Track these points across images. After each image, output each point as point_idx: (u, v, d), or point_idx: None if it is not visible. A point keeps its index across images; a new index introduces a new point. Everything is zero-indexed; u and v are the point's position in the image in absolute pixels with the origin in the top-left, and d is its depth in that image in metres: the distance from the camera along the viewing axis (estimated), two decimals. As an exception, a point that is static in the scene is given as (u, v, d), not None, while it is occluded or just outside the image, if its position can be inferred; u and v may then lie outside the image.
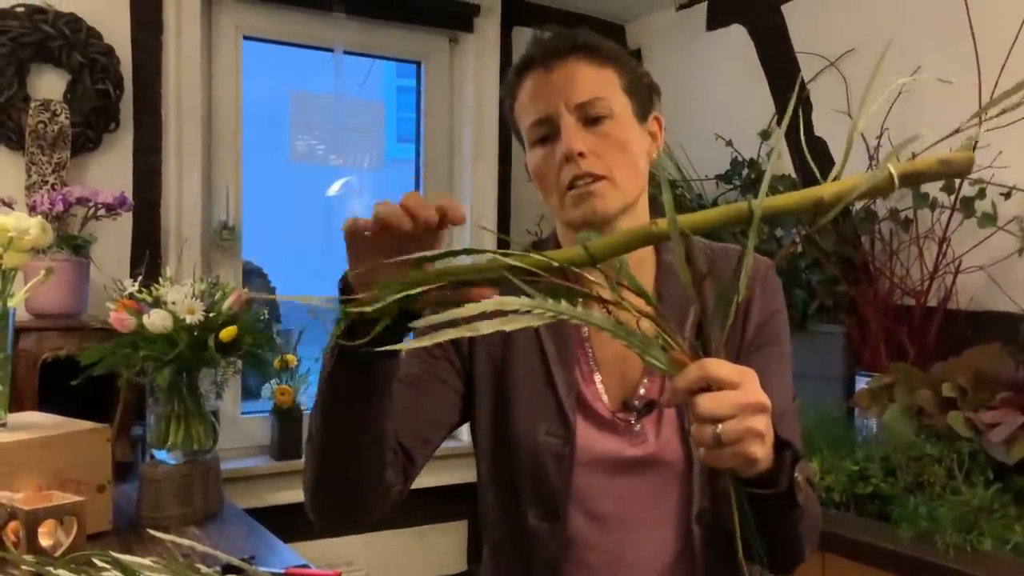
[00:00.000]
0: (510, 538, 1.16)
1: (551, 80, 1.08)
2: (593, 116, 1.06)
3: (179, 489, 1.75)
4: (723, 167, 2.55)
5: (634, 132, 1.09)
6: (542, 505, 1.11)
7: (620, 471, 1.09)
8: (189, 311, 1.70)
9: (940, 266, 2.10)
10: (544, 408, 1.10)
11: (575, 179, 1.05)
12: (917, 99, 2.21)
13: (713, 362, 0.76)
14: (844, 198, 0.72)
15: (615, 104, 1.08)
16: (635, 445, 1.09)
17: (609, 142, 1.06)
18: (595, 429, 1.10)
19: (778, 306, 1.14)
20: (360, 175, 3.44)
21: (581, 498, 1.10)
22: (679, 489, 1.09)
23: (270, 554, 1.57)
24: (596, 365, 1.12)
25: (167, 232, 2.37)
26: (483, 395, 1.14)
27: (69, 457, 1.60)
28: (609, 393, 1.11)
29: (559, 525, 1.10)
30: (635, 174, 1.08)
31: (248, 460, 2.53)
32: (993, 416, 1.76)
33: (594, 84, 1.07)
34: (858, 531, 1.72)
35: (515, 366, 1.12)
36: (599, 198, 1.06)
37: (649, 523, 1.10)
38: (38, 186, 2.15)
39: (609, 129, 1.06)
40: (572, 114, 1.07)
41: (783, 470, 0.86)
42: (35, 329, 1.97)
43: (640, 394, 1.10)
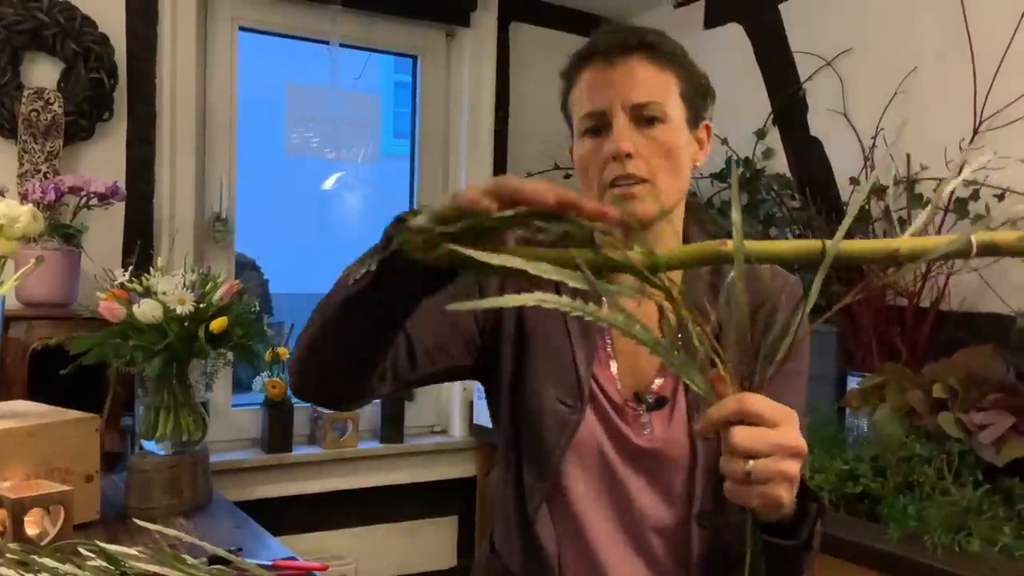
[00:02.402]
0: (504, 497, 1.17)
1: (611, 75, 1.08)
2: (647, 117, 1.07)
3: (167, 480, 1.75)
4: (718, 166, 2.55)
5: (683, 138, 1.10)
6: (536, 464, 1.11)
7: (624, 456, 1.10)
8: (180, 301, 1.69)
9: (933, 267, 2.10)
10: (561, 377, 1.11)
11: (618, 178, 1.06)
12: (913, 99, 2.21)
13: (753, 397, 0.75)
14: (920, 256, 0.72)
15: (670, 109, 1.08)
16: (641, 435, 1.10)
17: (658, 146, 1.07)
18: (606, 408, 1.11)
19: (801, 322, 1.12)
20: (355, 169, 3.44)
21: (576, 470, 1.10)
22: (682, 487, 1.09)
23: (258, 546, 1.57)
24: (613, 353, 1.13)
25: (160, 222, 2.36)
26: (505, 357, 1.14)
27: (57, 446, 1.60)
28: (622, 382, 1.12)
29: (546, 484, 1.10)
30: (677, 180, 1.09)
31: (238, 453, 2.52)
32: (983, 417, 1.76)
33: (653, 87, 1.08)
34: (847, 531, 1.72)
35: (539, 335, 1.13)
36: (639, 201, 1.06)
37: (647, 514, 1.10)
38: (30, 175, 2.14)
39: (660, 133, 1.07)
40: (626, 113, 1.07)
41: (805, 521, 0.87)
42: (25, 318, 1.97)
43: (653, 389, 1.11)
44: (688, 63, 1.13)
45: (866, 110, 2.30)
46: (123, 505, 1.74)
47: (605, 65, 1.09)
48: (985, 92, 2.01)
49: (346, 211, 7.34)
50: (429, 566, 2.75)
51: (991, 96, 2.01)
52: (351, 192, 4.88)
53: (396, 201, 3.02)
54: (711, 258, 0.76)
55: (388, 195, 5.50)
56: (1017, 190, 1.99)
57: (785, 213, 2.39)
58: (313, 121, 2.70)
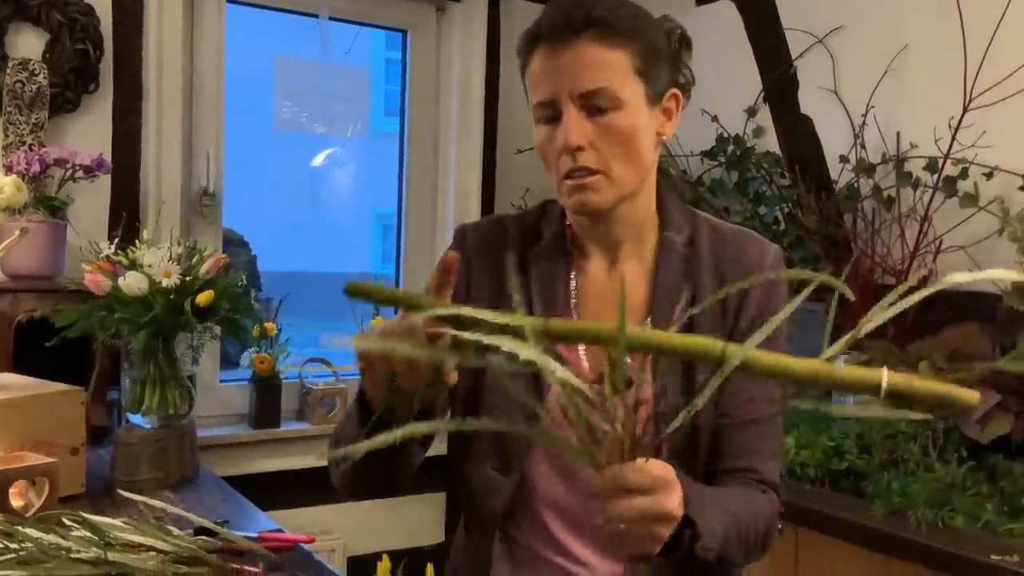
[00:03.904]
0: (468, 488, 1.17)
1: (557, 62, 1.03)
2: (598, 106, 1.02)
3: (154, 453, 1.74)
4: (709, 143, 2.54)
5: (642, 120, 1.04)
6: (499, 457, 1.11)
7: None
8: (165, 274, 1.68)
9: (921, 245, 2.10)
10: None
11: (571, 171, 1.04)
12: (903, 77, 2.21)
13: (631, 471, 0.80)
14: (824, 382, 0.69)
15: (623, 92, 1.02)
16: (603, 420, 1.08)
17: (611, 134, 1.03)
18: None
19: (777, 299, 1.09)
20: (345, 145, 3.41)
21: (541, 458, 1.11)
22: None
23: (245, 519, 1.57)
24: None
25: (146, 196, 2.34)
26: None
27: (42, 419, 1.59)
28: (589, 363, 1.10)
29: (512, 478, 1.11)
30: (636, 165, 1.05)
31: (226, 428, 2.52)
32: (968, 395, 1.77)
33: (602, 72, 1.02)
34: (832, 506, 1.73)
35: None
36: (593, 192, 1.04)
37: None
38: (15, 146, 2.12)
39: (613, 120, 1.02)
40: (575, 103, 1.03)
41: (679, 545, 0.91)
42: (10, 290, 1.95)
43: None
44: (645, 31, 1.06)
45: (857, 88, 2.29)
46: (109, 478, 1.74)
47: (551, 50, 1.03)
48: (975, 70, 2.00)
49: (336, 189, 7.31)
50: (416, 542, 2.76)
51: (981, 74, 2.00)
52: (341, 169, 4.87)
53: (386, 179, 3.00)
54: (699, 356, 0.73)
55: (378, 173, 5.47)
56: (1006, 168, 1.99)
57: (775, 191, 2.38)
58: (302, 95, 2.68)
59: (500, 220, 1.19)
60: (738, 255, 1.10)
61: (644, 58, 1.04)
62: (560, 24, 1.03)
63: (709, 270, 1.09)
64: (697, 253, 1.10)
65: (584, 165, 1.03)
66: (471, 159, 2.83)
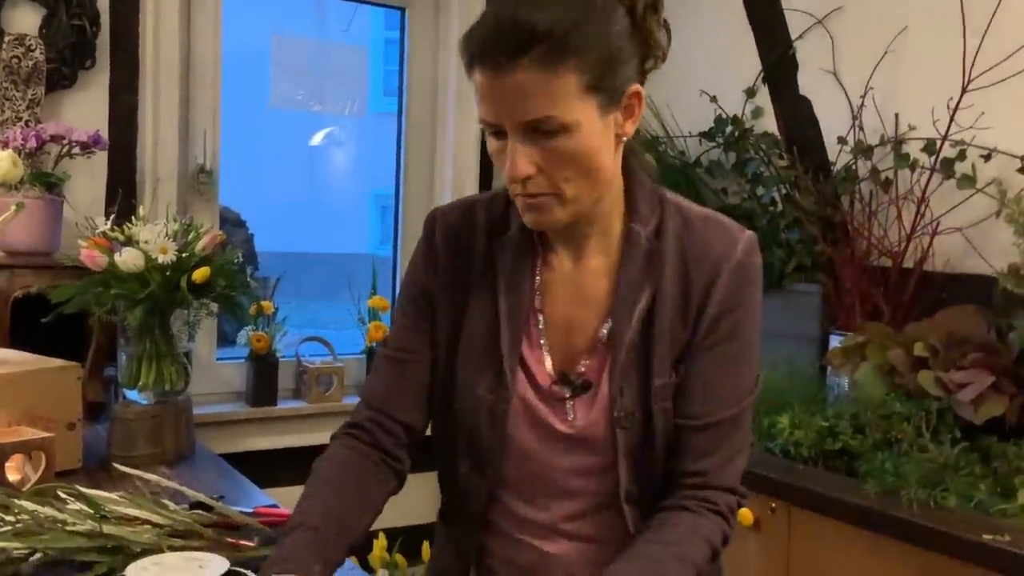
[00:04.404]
0: (445, 484, 1.17)
1: (497, 89, 0.94)
2: (545, 131, 0.94)
3: (150, 429, 1.75)
4: (707, 124, 2.54)
5: (594, 137, 0.97)
6: (472, 457, 1.10)
7: (551, 440, 1.07)
8: (162, 250, 1.68)
9: (918, 227, 2.11)
10: (487, 364, 1.08)
11: (521, 193, 1.00)
12: (902, 58, 2.20)
13: None
14: None
15: (570, 116, 0.94)
16: (563, 421, 1.07)
17: (560, 159, 0.96)
18: (532, 393, 1.08)
19: (743, 298, 1.04)
20: (344, 125, 3.40)
21: (512, 456, 1.09)
22: (607, 471, 1.06)
23: (241, 495, 1.57)
24: (545, 329, 1.09)
25: (142, 173, 2.34)
26: (439, 346, 1.12)
27: (39, 394, 1.59)
28: (553, 358, 1.09)
29: (487, 479, 1.10)
30: (592, 181, 0.99)
31: (223, 406, 2.53)
32: (963, 376, 1.77)
33: (546, 100, 0.93)
34: (825, 486, 1.74)
35: (469, 319, 1.10)
36: (546, 212, 1.00)
37: (578, 494, 1.09)
38: (12, 122, 2.11)
39: (562, 144, 0.95)
40: (519, 132, 0.95)
41: None
42: (7, 266, 1.95)
43: (579, 370, 1.07)
44: (596, 39, 0.94)
45: (856, 69, 2.28)
46: (105, 454, 1.74)
47: (491, 74, 0.93)
48: (974, 52, 2.00)
49: (334, 169, 7.30)
50: (412, 520, 2.77)
51: (980, 55, 2.00)
52: (339, 148, 4.87)
53: (385, 160, 3.00)
54: None
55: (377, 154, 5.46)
56: (1004, 150, 1.99)
57: (772, 172, 2.38)
58: (299, 73, 2.68)
59: (470, 207, 1.15)
60: (703, 247, 1.05)
61: (596, 70, 0.94)
62: (495, 47, 0.93)
63: (673, 264, 1.04)
64: (662, 246, 1.05)
65: (533, 192, 0.98)
66: (469, 139, 2.82)
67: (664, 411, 1.04)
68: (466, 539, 1.15)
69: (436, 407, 1.14)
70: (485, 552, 1.14)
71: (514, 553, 1.12)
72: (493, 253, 1.10)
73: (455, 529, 1.17)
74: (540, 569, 1.11)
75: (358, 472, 1.09)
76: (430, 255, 1.14)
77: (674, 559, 0.98)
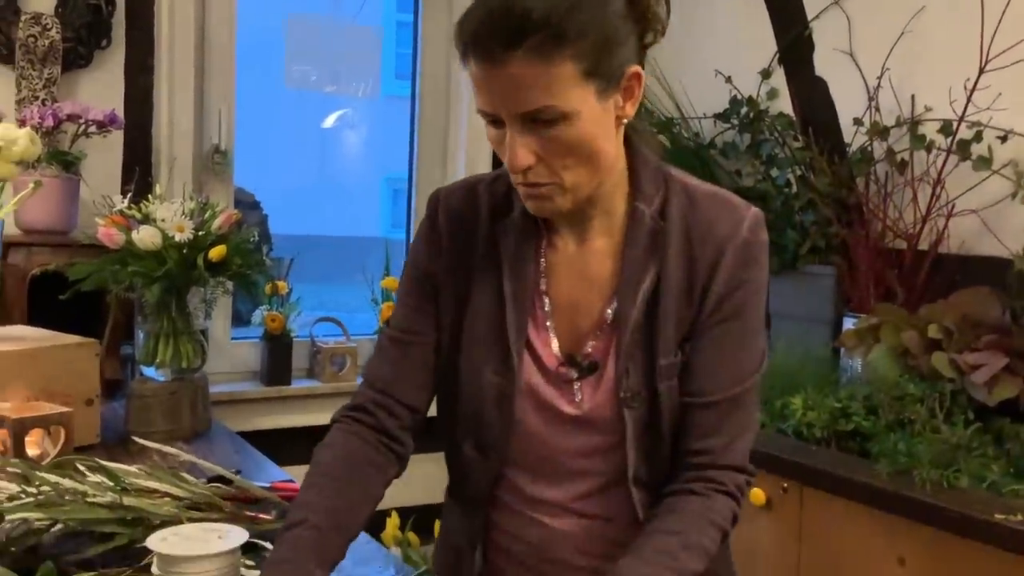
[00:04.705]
0: (452, 464, 1.18)
1: (493, 80, 0.93)
2: (543, 120, 0.94)
3: (167, 406, 1.76)
4: (722, 105, 2.53)
5: (594, 123, 0.96)
6: (478, 439, 1.10)
7: (557, 422, 1.07)
8: (178, 229, 1.69)
9: (933, 209, 2.10)
10: (493, 347, 1.07)
11: (522, 183, 1.00)
12: (919, 39, 2.19)
13: None
14: None
15: (569, 104, 0.93)
16: (570, 403, 1.07)
17: (559, 147, 0.95)
18: (539, 375, 1.08)
19: (749, 276, 1.04)
20: (356, 107, 3.40)
21: (518, 438, 1.09)
22: (614, 452, 1.06)
23: (257, 470, 1.59)
24: (551, 311, 1.09)
25: (158, 152, 2.35)
26: (443, 330, 1.12)
27: (57, 370, 1.61)
28: (559, 340, 1.08)
29: (492, 460, 1.10)
30: (593, 167, 0.99)
31: (238, 384, 2.54)
32: (977, 358, 1.77)
33: (543, 91, 0.91)
34: (837, 466, 1.74)
35: (474, 302, 1.10)
36: (547, 200, 0.99)
37: (586, 474, 1.09)
38: (28, 101, 2.12)
39: (560, 133, 0.94)
40: (517, 123, 0.94)
41: None
42: (24, 244, 1.97)
43: (586, 351, 1.07)
44: (593, 22, 0.92)
45: (872, 50, 2.27)
46: (123, 430, 1.76)
47: (486, 65, 0.92)
48: (992, 32, 1.98)
49: (346, 152, 7.30)
50: (425, 499, 2.78)
51: (998, 36, 1.98)
52: (352, 131, 4.87)
53: (397, 143, 3.00)
54: None
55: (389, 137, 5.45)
56: (1021, 131, 1.97)
57: (787, 154, 2.37)
58: (313, 54, 2.68)
59: (473, 188, 1.14)
60: (708, 225, 1.03)
61: (593, 55, 0.92)
62: (489, 36, 0.91)
63: (678, 243, 1.03)
64: (667, 225, 1.04)
65: (534, 181, 0.98)
66: (483, 124, 2.79)
67: (670, 390, 1.03)
68: (474, 516, 1.15)
69: (441, 390, 1.14)
70: (493, 528, 1.14)
71: (523, 529, 1.13)
72: (496, 236, 1.09)
73: (463, 506, 1.18)
74: (549, 545, 1.12)
75: (360, 463, 1.09)
76: (433, 237, 1.13)
77: (682, 548, 0.98)
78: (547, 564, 1.12)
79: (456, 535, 1.19)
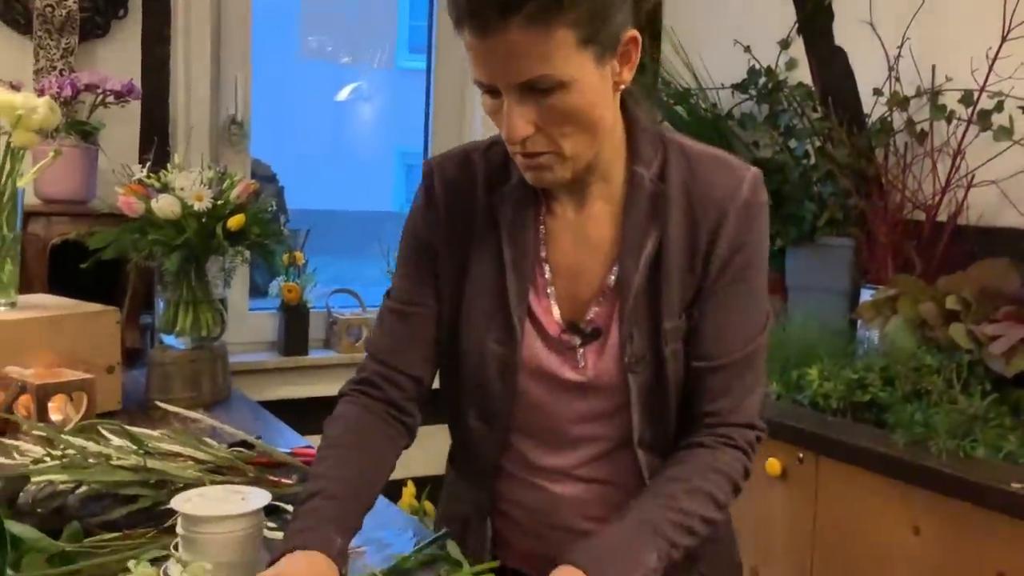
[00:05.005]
0: (455, 433, 1.18)
1: (488, 50, 0.91)
2: (540, 89, 0.93)
3: (188, 374, 1.78)
4: (740, 75, 2.51)
5: (591, 90, 0.95)
6: (481, 408, 1.11)
7: (561, 390, 1.08)
8: (197, 197, 1.70)
9: (952, 180, 2.08)
10: (494, 316, 1.07)
11: (520, 152, 0.99)
12: (940, 7, 2.16)
13: None
14: None
15: (566, 73, 0.92)
16: (574, 369, 1.07)
17: (557, 115, 0.94)
18: (541, 343, 1.08)
19: (751, 237, 1.04)
20: (370, 80, 3.39)
21: (522, 406, 1.09)
22: (619, 416, 1.07)
23: (277, 437, 1.60)
24: (551, 278, 1.08)
25: (175, 123, 2.36)
26: (444, 300, 1.12)
27: (79, 337, 1.63)
28: (560, 307, 1.08)
29: (497, 430, 1.10)
30: (592, 135, 0.98)
31: (256, 355, 2.56)
32: (995, 329, 1.76)
33: (540, 60, 0.90)
34: (853, 436, 1.74)
35: (473, 272, 1.09)
36: (547, 170, 0.99)
37: (593, 442, 1.09)
38: (46, 71, 2.13)
39: (557, 101, 0.93)
40: (514, 92, 0.93)
41: None
42: (44, 214, 1.98)
43: (588, 317, 1.07)
44: None
45: (892, 19, 2.24)
46: (144, 398, 1.78)
47: (481, 34, 0.91)
48: (1015, 0, 1.96)
49: (360, 126, 7.28)
50: (441, 469, 2.81)
51: (1021, 4, 1.95)
52: (366, 103, 4.85)
53: (411, 118, 2.98)
54: None
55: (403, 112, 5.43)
56: (1043, 102, 1.96)
57: (806, 124, 2.36)
58: (328, 23, 2.67)
59: (468, 155, 1.13)
60: (708, 187, 1.03)
61: (590, 22, 0.91)
62: (484, 5, 0.89)
63: (679, 206, 1.03)
64: (666, 188, 1.04)
65: (532, 151, 0.97)
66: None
67: (675, 353, 1.04)
68: (477, 483, 1.16)
69: (443, 361, 1.14)
70: (497, 495, 1.15)
71: (527, 496, 1.13)
72: (494, 204, 1.09)
73: (466, 474, 1.19)
74: (553, 511, 1.12)
75: (370, 433, 1.09)
76: (430, 207, 1.13)
77: (685, 492, 0.99)
78: (551, 529, 1.13)
79: (462, 505, 1.19)
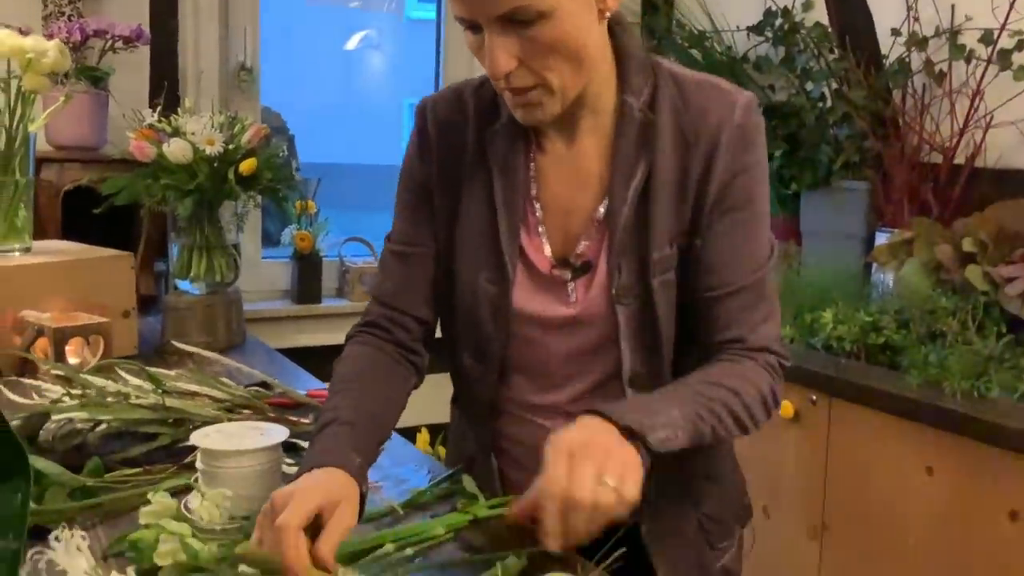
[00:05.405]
0: (453, 372, 1.19)
1: None
2: (521, 21, 0.90)
3: (203, 319, 1.79)
4: (756, 17, 2.47)
5: (573, 18, 0.93)
6: (475, 347, 1.11)
7: (552, 326, 1.07)
8: (208, 142, 1.69)
9: (971, 121, 2.05)
10: (486, 256, 1.07)
11: (506, 88, 0.97)
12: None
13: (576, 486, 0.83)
14: None
15: (545, 2, 0.90)
16: (564, 304, 1.06)
17: (540, 48, 0.92)
18: (532, 282, 1.07)
19: (749, 161, 1.01)
20: (379, 28, 3.35)
21: (514, 344, 1.09)
22: (609, 351, 1.06)
23: (292, 380, 1.61)
24: (542, 216, 1.08)
25: (184, 69, 2.34)
26: (439, 239, 1.12)
27: (94, 282, 1.63)
28: (551, 242, 1.08)
29: (491, 370, 1.11)
30: (577, 66, 0.96)
31: (269, 303, 2.57)
32: (1011, 270, 1.75)
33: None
34: (866, 377, 1.75)
35: (465, 212, 1.09)
36: (536, 107, 0.97)
37: (582, 375, 1.09)
38: (55, 17, 2.11)
39: (540, 32, 0.91)
40: (495, 25, 0.91)
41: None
42: (56, 160, 1.98)
43: (578, 252, 1.06)
44: None
45: (912, -43, 2.20)
46: (160, 343, 1.79)
47: None
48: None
49: (369, 76, 7.23)
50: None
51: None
52: (375, 52, 4.81)
53: (420, 69, 2.94)
54: None
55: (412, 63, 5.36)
56: (1065, 40, 1.92)
57: (822, 66, 2.32)
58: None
59: (459, 93, 1.11)
60: (700, 114, 1.01)
61: None
62: None
63: (670, 134, 1.01)
64: (656, 117, 1.01)
65: (518, 86, 0.95)
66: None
67: (664, 284, 1.02)
68: (478, 423, 1.17)
69: (439, 299, 1.14)
70: (496, 434, 1.16)
71: (524, 433, 1.14)
72: (484, 142, 1.08)
73: (468, 414, 1.20)
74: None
75: (381, 371, 1.10)
76: (424, 147, 1.12)
77: (701, 382, 0.98)
78: None
79: (467, 443, 1.20)
